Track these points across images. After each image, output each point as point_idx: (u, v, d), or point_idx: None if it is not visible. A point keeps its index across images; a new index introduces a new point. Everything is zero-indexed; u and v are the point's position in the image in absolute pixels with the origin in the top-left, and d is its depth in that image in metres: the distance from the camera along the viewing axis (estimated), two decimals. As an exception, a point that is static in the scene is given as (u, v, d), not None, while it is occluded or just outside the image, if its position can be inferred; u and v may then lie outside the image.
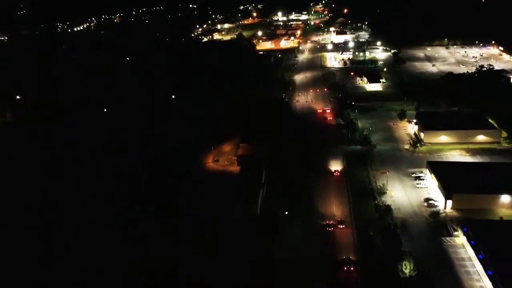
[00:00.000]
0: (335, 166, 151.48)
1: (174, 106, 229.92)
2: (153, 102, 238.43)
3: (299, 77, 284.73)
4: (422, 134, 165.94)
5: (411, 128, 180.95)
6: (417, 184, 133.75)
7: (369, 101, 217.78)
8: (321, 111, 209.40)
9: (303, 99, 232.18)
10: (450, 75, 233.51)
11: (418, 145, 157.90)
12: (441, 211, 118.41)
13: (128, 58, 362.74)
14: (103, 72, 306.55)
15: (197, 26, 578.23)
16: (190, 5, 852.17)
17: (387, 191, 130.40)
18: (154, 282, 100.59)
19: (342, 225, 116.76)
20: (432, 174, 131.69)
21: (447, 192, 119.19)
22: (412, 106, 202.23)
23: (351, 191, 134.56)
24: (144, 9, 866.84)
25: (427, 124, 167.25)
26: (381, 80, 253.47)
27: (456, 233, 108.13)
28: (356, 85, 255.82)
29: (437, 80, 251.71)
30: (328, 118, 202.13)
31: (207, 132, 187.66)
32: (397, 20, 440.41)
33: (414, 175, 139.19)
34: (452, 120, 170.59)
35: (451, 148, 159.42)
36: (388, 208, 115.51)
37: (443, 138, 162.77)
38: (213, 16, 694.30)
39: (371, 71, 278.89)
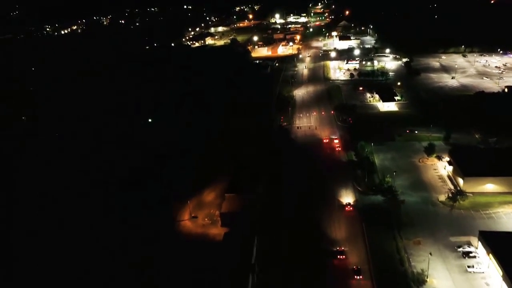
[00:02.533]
0: (347, 199, 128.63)
1: (148, 135, 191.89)
2: (125, 128, 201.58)
3: (299, 93, 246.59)
4: (461, 181, 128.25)
5: (443, 167, 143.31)
6: (468, 267, 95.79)
7: (385, 126, 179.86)
8: (327, 141, 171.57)
9: (305, 124, 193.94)
10: (481, 94, 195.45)
11: (459, 197, 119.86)
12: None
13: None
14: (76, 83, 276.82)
15: (190, 29, 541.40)
16: (185, 6, 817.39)
17: (427, 279, 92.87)
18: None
19: (359, 275, 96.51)
20: (490, 255, 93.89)
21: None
22: (439, 135, 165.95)
23: (374, 271, 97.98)
24: (136, 10, 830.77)
25: (467, 166, 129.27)
26: (396, 98, 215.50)
27: None
28: (366, 103, 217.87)
29: (460, 96, 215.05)
30: (337, 149, 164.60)
31: (186, 174, 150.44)
32: (405, 24, 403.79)
33: (461, 249, 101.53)
34: (498, 160, 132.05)
35: (501, 200, 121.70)
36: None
37: (489, 186, 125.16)
38: (208, 18, 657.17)
39: (383, 85, 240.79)
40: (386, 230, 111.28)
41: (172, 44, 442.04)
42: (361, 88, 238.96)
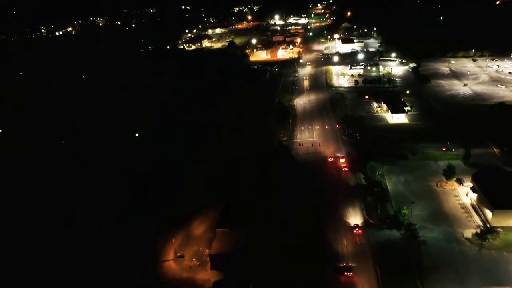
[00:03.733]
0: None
1: (135, 150, 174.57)
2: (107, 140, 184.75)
3: (300, 101, 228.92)
4: (488, 213, 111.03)
5: (465, 194, 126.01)
6: (510, 332, 78.88)
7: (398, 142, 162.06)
8: (332, 159, 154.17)
9: (307, 139, 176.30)
10: (502, 106, 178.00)
11: (489, 236, 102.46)
12: None
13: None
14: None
15: (187, 31, 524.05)
16: (183, 7, 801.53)
17: None
18: None
19: None
20: (538, 318, 76.87)
21: None
22: (457, 152, 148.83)
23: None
24: (133, 11, 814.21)
25: (496, 196, 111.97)
26: (406, 109, 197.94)
27: None
28: (373, 114, 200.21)
29: (475, 107, 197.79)
30: (343, 170, 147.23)
31: (174, 197, 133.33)
32: (409, 26, 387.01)
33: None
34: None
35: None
36: None
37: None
38: (205, 19, 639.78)
39: (390, 93, 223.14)
40: (405, 275, 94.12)
41: (168, 47, 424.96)
42: (367, 97, 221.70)
